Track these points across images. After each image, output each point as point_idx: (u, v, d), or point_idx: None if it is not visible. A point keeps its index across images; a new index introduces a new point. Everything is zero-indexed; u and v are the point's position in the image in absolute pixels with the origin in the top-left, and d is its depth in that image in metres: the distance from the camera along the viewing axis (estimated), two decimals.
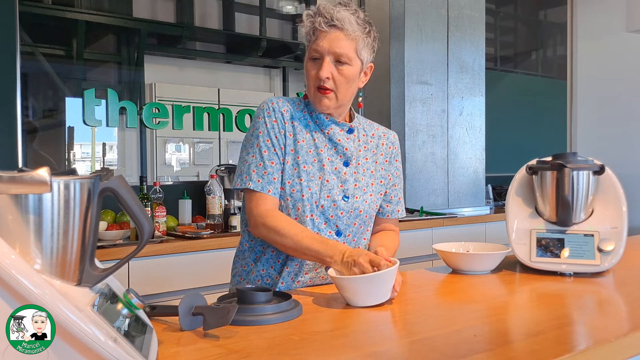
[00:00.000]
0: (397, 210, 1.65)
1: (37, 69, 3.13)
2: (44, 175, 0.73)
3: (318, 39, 1.43)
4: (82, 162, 3.35)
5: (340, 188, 1.50)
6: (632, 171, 3.56)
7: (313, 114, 1.53)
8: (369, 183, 1.56)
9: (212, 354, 0.96)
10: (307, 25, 1.45)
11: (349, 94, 1.50)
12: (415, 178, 4.00)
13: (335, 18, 1.42)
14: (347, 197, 1.50)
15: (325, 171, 1.49)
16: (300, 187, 1.46)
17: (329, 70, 1.43)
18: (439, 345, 1.02)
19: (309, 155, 1.49)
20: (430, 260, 3.46)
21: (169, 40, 3.63)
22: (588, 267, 1.60)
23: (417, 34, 4.00)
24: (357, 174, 1.54)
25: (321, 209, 1.47)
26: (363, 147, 1.58)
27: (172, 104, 3.43)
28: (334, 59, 1.44)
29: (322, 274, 1.53)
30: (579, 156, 1.70)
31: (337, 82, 1.45)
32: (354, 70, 1.47)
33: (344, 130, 1.54)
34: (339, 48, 1.43)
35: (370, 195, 1.55)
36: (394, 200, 1.64)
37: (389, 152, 1.64)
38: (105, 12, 3.42)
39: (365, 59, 1.49)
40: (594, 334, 1.14)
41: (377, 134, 1.64)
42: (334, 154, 1.52)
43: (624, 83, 3.90)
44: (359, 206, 1.52)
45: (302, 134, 1.50)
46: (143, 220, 0.86)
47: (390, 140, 1.66)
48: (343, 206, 1.49)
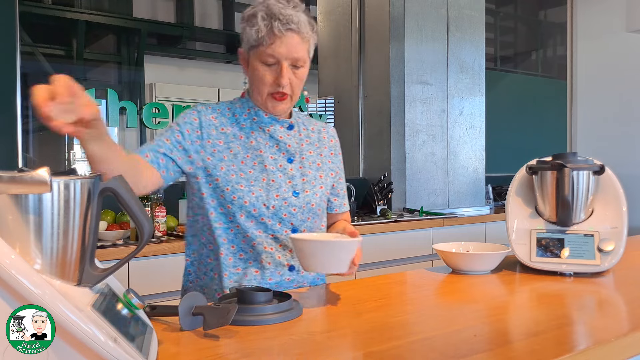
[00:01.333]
0: (343, 204, 1.65)
1: (37, 69, 3.13)
2: (44, 175, 0.72)
3: (274, 44, 1.39)
4: (82, 162, 3.36)
5: (289, 185, 1.48)
6: (632, 171, 3.56)
7: (252, 110, 1.50)
8: (316, 176, 1.55)
9: (212, 354, 0.96)
10: (262, 28, 1.39)
11: (297, 95, 1.50)
12: (415, 178, 4.00)
13: (291, 22, 1.38)
14: (298, 192, 1.49)
15: (269, 171, 1.47)
16: (242, 194, 1.43)
17: (288, 75, 1.41)
18: (439, 345, 1.02)
19: (247, 160, 1.46)
20: (430, 260, 3.46)
21: (169, 40, 3.64)
22: (588, 267, 1.60)
23: (417, 34, 4.00)
24: (303, 168, 1.53)
25: (272, 209, 1.45)
26: (305, 142, 1.57)
27: (172, 104, 3.43)
28: (290, 63, 1.42)
29: (287, 275, 1.49)
30: (579, 156, 1.69)
31: (293, 86, 1.44)
32: (307, 71, 1.47)
33: (285, 127, 1.53)
34: (297, 52, 1.40)
35: (321, 187, 1.54)
36: (340, 194, 1.64)
37: (331, 144, 1.63)
38: (105, 12, 3.43)
39: (310, 57, 1.48)
40: (594, 334, 1.14)
41: (316, 128, 1.62)
42: (276, 152, 1.50)
43: (624, 83, 3.90)
44: (311, 200, 1.50)
45: (237, 139, 1.48)
46: (143, 220, 0.86)
47: (330, 133, 1.65)
48: (295, 202, 1.47)
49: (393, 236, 3.40)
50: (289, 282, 1.49)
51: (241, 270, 1.46)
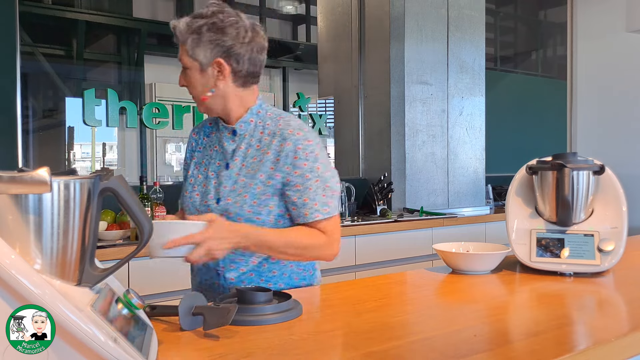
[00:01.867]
0: (304, 213, 1.46)
1: (37, 69, 3.13)
2: (44, 175, 0.73)
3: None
4: (82, 162, 3.36)
5: (216, 191, 1.51)
6: (632, 171, 3.56)
7: (218, 119, 1.57)
8: (247, 184, 1.47)
9: (212, 354, 0.96)
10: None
11: (203, 96, 1.49)
12: (415, 178, 4.00)
13: (175, 33, 1.49)
14: (220, 199, 1.49)
15: (208, 177, 1.54)
16: (185, 199, 1.57)
17: (181, 78, 1.50)
18: (439, 345, 1.02)
19: (200, 166, 1.58)
20: (430, 260, 3.46)
21: (169, 40, 3.63)
22: (588, 267, 1.60)
23: (417, 34, 4.00)
24: (238, 175, 1.50)
25: (201, 214, 1.46)
26: (255, 147, 1.50)
27: (172, 104, 3.43)
28: (182, 68, 1.50)
29: (215, 280, 1.55)
30: (579, 156, 1.69)
31: (188, 88, 1.51)
32: (193, 73, 1.48)
33: (229, 133, 1.54)
34: (180, 57, 1.49)
35: (245, 196, 1.46)
36: (298, 203, 1.46)
37: (280, 149, 1.47)
38: (105, 12, 3.43)
39: (201, 57, 1.45)
40: (594, 334, 1.14)
41: (273, 131, 1.50)
42: (220, 158, 1.55)
43: (624, 83, 3.90)
44: (229, 208, 1.46)
45: (204, 148, 1.60)
46: (143, 220, 0.86)
47: (284, 137, 1.48)
48: (214, 209, 1.48)
49: (393, 236, 3.40)
50: (217, 287, 1.53)
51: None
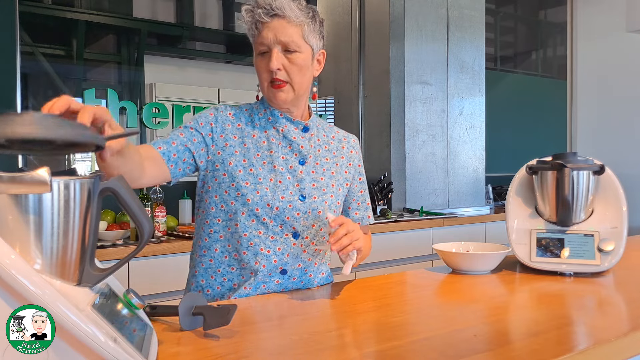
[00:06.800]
0: (367, 216, 1.60)
1: (37, 69, 3.13)
2: (43, 175, 0.72)
3: (262, 32, 1.38)
4: (82, 162, 3.36)
5: (297, 188, 1.43)
6: (632, 171, 3.56)
7: (267, 110, 1.48)
8: (329, 184, 1.48)
9: (212, 354, 0.96)
10: (248, 20, 1.39)
11: (305, 84, 1.44)
12: (415, 178, 4.00)
13: (274, 7, 1.36)
14: (304, 197, 1.43)
15: (277, 172, 1.43)
16: (247, 191, 1.39)
17: (279, 61, 1.37)
18: (439, 345, 1.02)
19: (257, 158, 1.43)
20: (430, 260, 3.46)
21: (169, 40, 3.64)
22: (588, 267, 1.60)
23: (417, 34, 4.00)
24: (315, 173, 1.47)
25: (276, 211, 1.40)
26: (323, 147, 1.52)
27: (172, 104, 3.43)
28: (282, 48, 1.38)
29: (277, 278, 1.44)
30: (579, 156, 1.69)
31: (289, 72, 1.39)
32: (305, 57, 1.41)
33: (299, 128, 1.48)
34: (285, 36, 1.36)
35: (331, 196, 1.48)
36: (362, 207, 1.59)
37: (350, 155, 1.57)
38: (105, 12, 3.43)
39: (314, 45, 1.43)
40: (594, 334, 1.14)
41: (337, 137, 1.57)
42: (288, 152, 1.46)
43: (624, 83, 3.90)
44: (318, 206, 1.44)
45: (250, 137, 1.45)
46: (143, 220, 0.86)
47: (350, 144, 1.59)
48: (299, 207, 1.42)
49: (393, 236, 3.40)
50: (277, 285, 1.44)
51: (235, 269, 1.43)
